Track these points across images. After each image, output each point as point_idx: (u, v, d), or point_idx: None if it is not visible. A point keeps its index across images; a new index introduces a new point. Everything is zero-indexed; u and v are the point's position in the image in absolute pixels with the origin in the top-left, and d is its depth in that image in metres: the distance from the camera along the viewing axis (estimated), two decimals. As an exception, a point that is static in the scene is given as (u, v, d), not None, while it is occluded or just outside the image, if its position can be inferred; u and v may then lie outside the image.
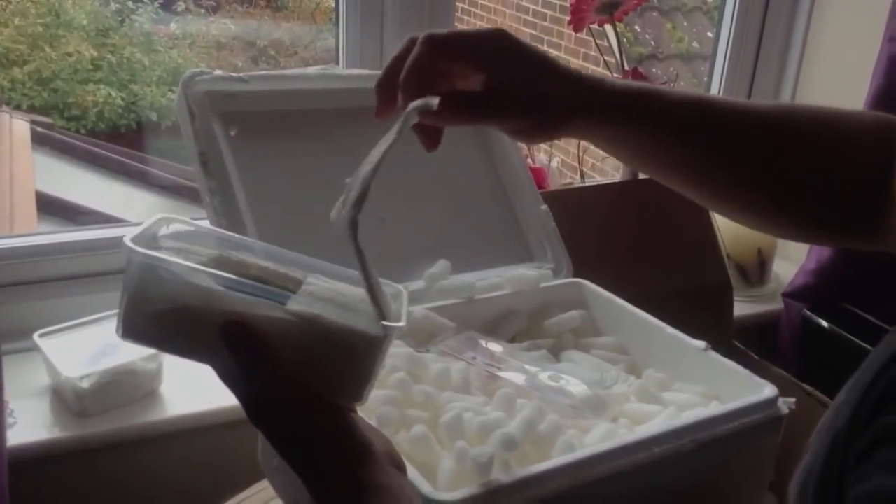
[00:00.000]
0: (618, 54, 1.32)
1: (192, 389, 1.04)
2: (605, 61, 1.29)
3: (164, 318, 0.52)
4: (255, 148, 0.92)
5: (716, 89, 1.61)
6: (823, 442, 0.45)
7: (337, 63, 1.23)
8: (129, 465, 1.01)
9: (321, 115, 0.97)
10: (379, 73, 0.66)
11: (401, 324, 0.54)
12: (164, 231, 0.57)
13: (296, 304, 0.53)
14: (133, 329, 0.53)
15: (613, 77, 0.74)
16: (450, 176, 1.03)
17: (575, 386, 0.78)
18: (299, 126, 0.96)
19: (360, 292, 0.55)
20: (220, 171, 0.88)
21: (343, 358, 0.53)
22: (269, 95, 0.94)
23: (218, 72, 0.91)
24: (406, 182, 1.00)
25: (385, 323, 0.53)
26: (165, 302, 0.51)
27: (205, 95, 0.89)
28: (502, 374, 0.79)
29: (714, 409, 0.77)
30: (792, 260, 1.47)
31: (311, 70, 0.99)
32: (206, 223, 0.81)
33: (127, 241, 0.52)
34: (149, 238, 0.55)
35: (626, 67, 1.22)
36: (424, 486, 0.61)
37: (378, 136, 0.99)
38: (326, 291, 0.55)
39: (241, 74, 0.93)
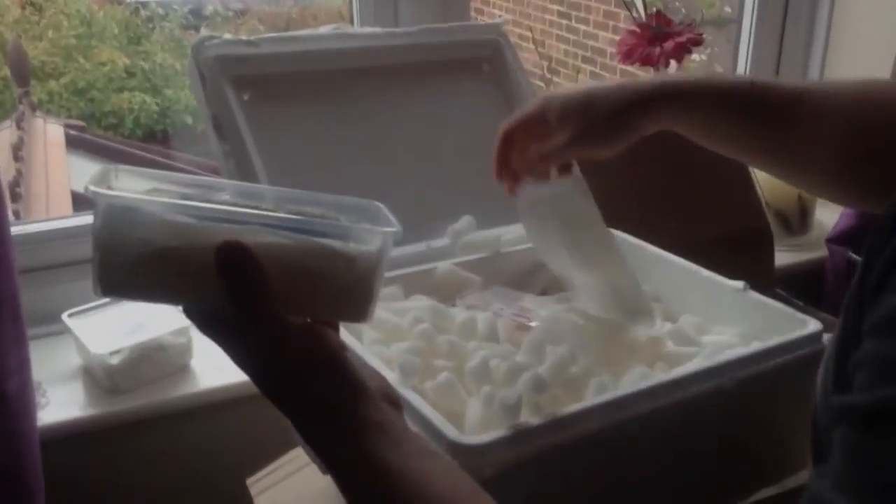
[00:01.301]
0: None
1: (223, 362, 1.02)
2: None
3: (144, 265, 0.48)
4: (269, 111, 0.90)
5: (743, 52, 1.56)
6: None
7: (350, 22, 1.21)
8: (161, 440, 1.01)
9: (335, 76, 0.95)
10: (392, 30, 0.67)
11: (394, 228, 0.51)
12: (115, 181, 0.52)
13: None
14: (111, 283, 0.49)
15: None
16: (467, 132, 1.00)
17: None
18: (313, 88, 0.94)
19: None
20: (233, 135, 0.86)
21: (342, 277, 0.50)
22: (281, 58, 0.92)
23: (227, 35, 0.90)
24: (428, 137, 0.97)
25: (382, 229, 0.51)
26: (142, 246, 0.47)
27: (215, 60, 0.88)
28: (532, 324, 0.76)
29: (754, 346, 0.74)
30: (833, 206, 1.41)
31: (324, 30, 0.97)
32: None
33: (91, 187, 0.48)
34: (106, 185, 0.50)
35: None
36: (450, 431, 0.59)
37: (394, 94, 0.98)
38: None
39: (251, 38, 0.91)
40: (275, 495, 0.87)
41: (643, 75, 0.81)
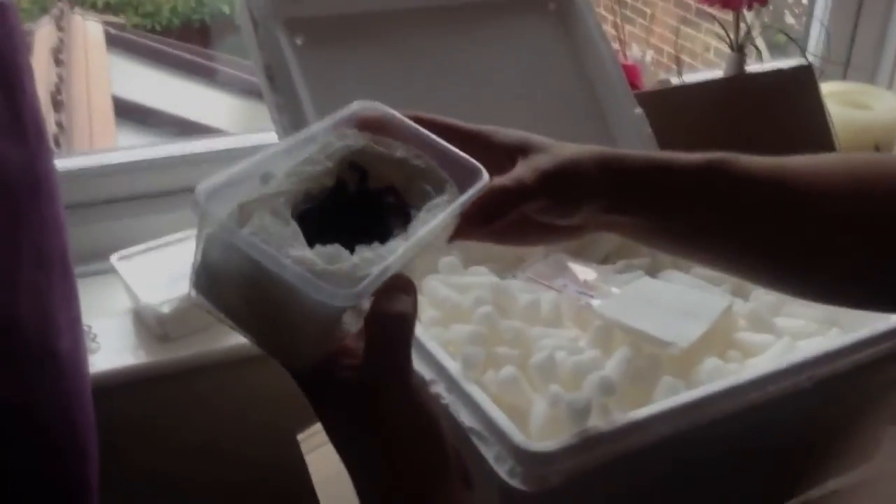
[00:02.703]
0: None
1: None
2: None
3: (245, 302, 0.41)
4: (324, 57, 0.85)
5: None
6: None
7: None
8: (212, 389, 1.01)
9: (394, 17, 0.89)
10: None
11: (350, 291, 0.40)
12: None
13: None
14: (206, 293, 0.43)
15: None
16: (531, 77, 0.94)
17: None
18: (370, 29, 0.88)
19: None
20: (287, 86, 0.82)
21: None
22: (335, -2, 0.86)
23: (279, -26, 0.84)
24: (482, 86, 0.92)
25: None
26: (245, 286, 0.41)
27: (267, 1, 0.82)
28: (595, 302, 0.72)
29: (835, 340, 0.70)
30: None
31: (380, -33, 0.90)
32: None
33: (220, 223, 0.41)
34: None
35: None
36: (516, 436, 0.57)
37: (455, 36, 0.92)
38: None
39: (304, -24, 0.85)
40: (325, 453, 0.87)
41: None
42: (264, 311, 0.41)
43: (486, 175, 0.49)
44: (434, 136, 0.50)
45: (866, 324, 0.69)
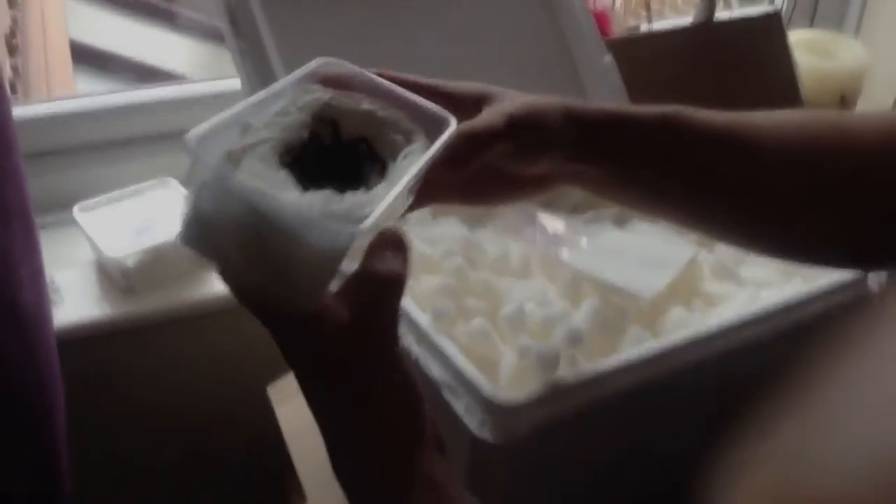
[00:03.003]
0: None
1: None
2: None
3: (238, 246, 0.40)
4: (289, 3, 0.83)
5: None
6: None
7: None
8: (179, 342, 1.00)
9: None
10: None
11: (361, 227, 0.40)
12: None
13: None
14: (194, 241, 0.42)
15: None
16: (500, 26, 0.93)
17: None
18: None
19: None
20: (250, 32, 0.80)
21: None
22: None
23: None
24: (449, 34, 0.90)
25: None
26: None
27: (231, -57, 0.80)
28: (564, 254, 0.73)
29: (797, 290, 0.71)
30: (876, 104, 1.35)
31: None
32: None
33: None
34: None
35: None
36: (486, 388, 0.57)
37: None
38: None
39: (267, -83, 0.82)
40: (295, 406, 0.87)
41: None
42: (262, 258, 0.40)
43: (454, 121, 0.48)
44: (398, 88, 0.49)
45: (827, 274, 0.70)
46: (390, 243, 0.42)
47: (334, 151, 0.47)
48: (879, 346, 0.30)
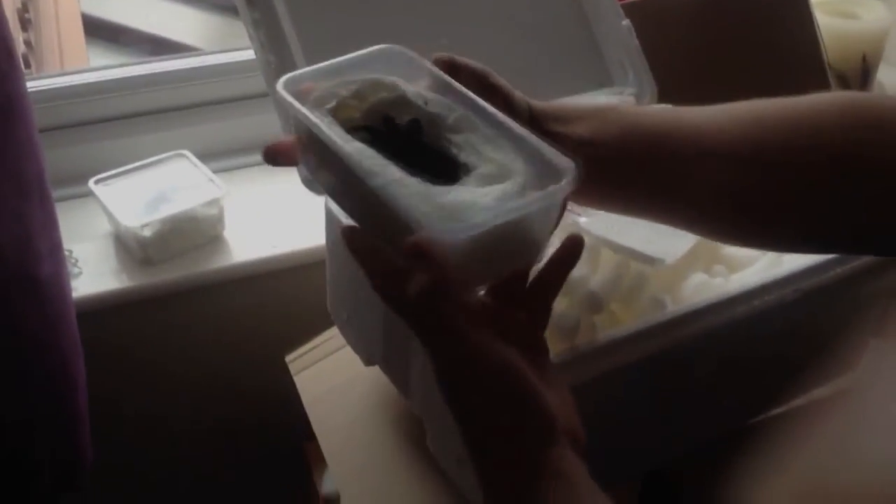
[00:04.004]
0: None
1: (256, 234, 1.00)
2: None
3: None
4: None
5: None
6: None
7: None
8: (197, 312, 1.00)
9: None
10: None
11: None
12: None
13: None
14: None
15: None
16: (525, 4, 0.92)
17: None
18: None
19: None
20: (264, 1, 0.79)
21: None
22: None
23: None
24: (476, 8, 0.89)
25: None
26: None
27: None
28: (582, 219, 0.72)
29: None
30: (897, 65, 1.32)
31: None
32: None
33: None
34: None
35: None
36: (505, 354, 0.57)
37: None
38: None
39: None
40: (314, 374, 0.88)
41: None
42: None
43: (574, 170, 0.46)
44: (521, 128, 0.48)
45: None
46: (406, 250, 0.41)
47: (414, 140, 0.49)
48: None
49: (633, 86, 0.89)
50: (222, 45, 1.26)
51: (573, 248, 0.48)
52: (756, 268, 0.70)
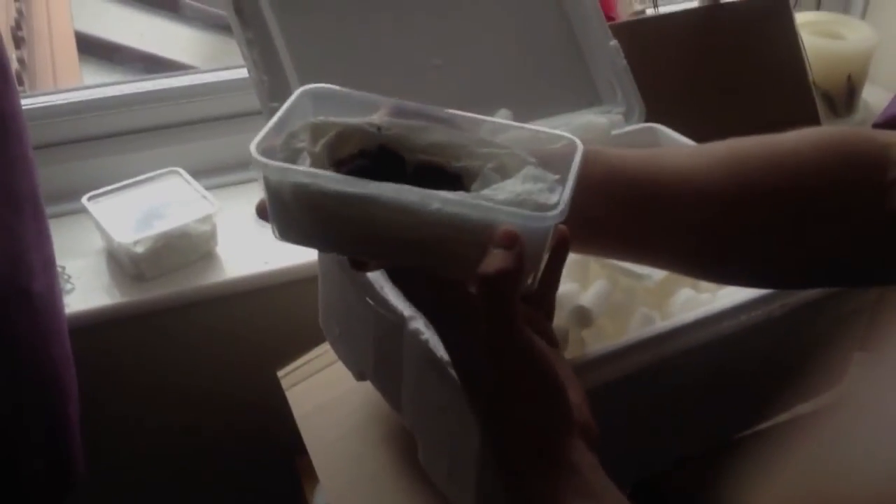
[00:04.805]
0: None
1: (248, 250, 1.01)
2: None
3: (321, 229, 0.47)
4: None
5: None
6: None
7: None
8: (189, 328, 1.01)
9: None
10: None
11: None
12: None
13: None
14: (287, 233, 0.47)
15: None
16: (507, 11, 0.93)
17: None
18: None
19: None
20: (257, 20, 0.80)
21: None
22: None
23: None
24: (458, 22, 0.90)
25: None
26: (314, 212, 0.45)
27: (236, -69, 0.80)
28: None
29: (805, 269, 0.71)
30: (883, 84, 1.34)
31: None
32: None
33: (256, 156, 0.44)
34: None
35: None
36: (495, 368, 0.58)
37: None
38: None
39: None
40: (306, 389, 0.88)
41: None
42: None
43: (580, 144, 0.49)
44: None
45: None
46: (502, 241, 0.43)
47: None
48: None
49: (621, 105, 0.91)
50: (216, 62, 1.27)
51: (564, 241, 0.50)
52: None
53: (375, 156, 0.49)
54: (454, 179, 0.49)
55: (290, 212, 0.46)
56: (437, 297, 0.46)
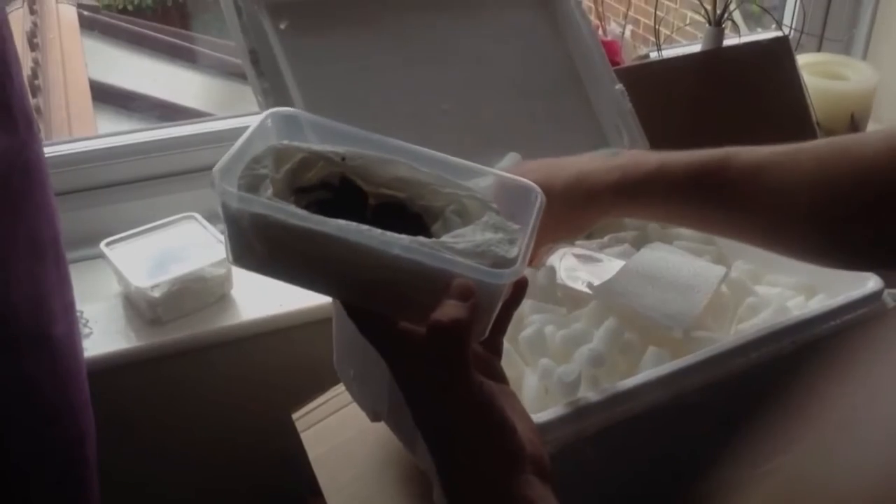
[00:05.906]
0: None
1: (264, 293, 1.02)
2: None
3: (278, 260, 0.47)
4: (308, 41, 0.86)
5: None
6: None
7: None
8: (205, 371, 1.02)
9: (375, 2, 0.90)
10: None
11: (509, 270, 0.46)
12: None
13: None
14: (243, 262, 0.48)
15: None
16: (514, 58, 0.95)
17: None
18: (353, 12, 0.89)
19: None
20: (272, 70, 0.82)
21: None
22: (318, -19, 0.87)
23: (262, -42, 0.84)
24: (467, 68, 0.93)
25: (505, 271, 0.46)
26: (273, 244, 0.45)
27: (251, -15, 0.82)
28: (592, 285, 0.73)
29: (814, 305, 0.72)
30: (886, 123, 1.36)
31: (363, -51, 0.91)
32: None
33: (218, 182, 0.45)
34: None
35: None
36: (509, 408, 0.58)
37: (439, 23, 0.92)
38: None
39: (286, -40, 0.85)
40: (320, 431, 0.89)
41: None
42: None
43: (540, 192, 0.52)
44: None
45: (841, 290, 0.71)
46: (457, 293, 0.44)
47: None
48: (891, 357, 0.32)
49: (627, 147, 0.93)
50: (231, 109, 1.29)
51: (519, 288, 0.52)
52: (753, 320, 0.72)
53: (337, 188, 0.49)
54: (415, 218, 0.50)
55: (247, 240, 0.46)
56: (389, 338, 0.47)
